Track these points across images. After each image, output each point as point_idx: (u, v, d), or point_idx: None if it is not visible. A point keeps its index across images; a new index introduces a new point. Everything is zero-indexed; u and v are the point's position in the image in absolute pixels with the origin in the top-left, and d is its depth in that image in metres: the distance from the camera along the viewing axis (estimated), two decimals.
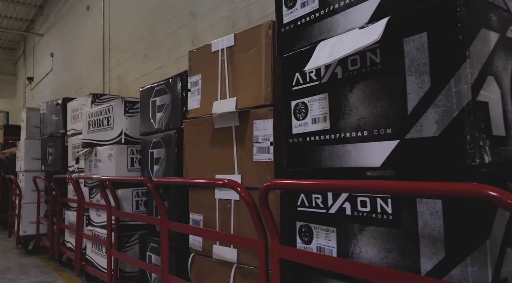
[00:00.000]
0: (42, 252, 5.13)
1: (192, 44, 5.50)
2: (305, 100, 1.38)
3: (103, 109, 3.29)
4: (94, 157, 3.33)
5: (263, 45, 1.82)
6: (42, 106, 4.95)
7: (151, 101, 2.83)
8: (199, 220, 2.11)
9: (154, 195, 2.17)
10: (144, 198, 3.19)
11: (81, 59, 9.45)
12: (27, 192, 5.11)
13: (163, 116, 2.71)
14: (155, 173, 2.75)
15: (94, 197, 3.45)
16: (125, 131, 3.11)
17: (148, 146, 2.82)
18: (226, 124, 1.97)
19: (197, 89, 2.17)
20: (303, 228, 1.39)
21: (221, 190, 1.98)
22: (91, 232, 3.43)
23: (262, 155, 1.79)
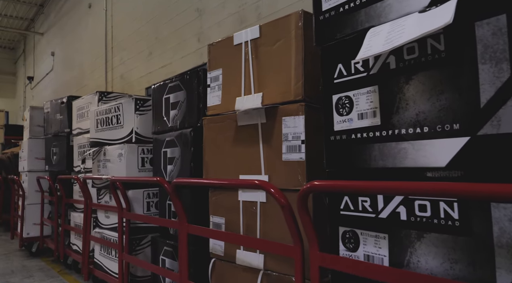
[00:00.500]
0: (46, 254, 4.99)
1: (199, 42, 5.37)
2: (349, 94, 1.26)
3: (112, 107, 3.16)
4: (103, 157, 3.19)
5: (292, 37, 1.69)
6: (46, 105, 4.80)
7: (164, 99, 2.70)
8: (221, 223, 1.97)
9: (173, 197, 2.03)
10: (156, 199, 3.06)
11: (82, 58, 9.29)
12: (30, 193, 4.97)
13: (177, 114, 2.57)
14: (168, 173, 2.61)
15: (102, 198, 3.32)
16: (135, 130, 2.98)
17: (161, 145, 2.69)
18: (251, 121, 1.84)
19: (217, 85, 2.04)
20: (347, 234, 1.26)
21: (246, 192, 1.85)
22: (100, 235, 3.29)
23: (292, 154, 1.66)
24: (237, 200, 1.89)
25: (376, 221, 1.18)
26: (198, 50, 5.36)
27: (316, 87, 1.72)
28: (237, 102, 1.90)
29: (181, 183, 1.98)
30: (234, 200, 1.90)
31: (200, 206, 2.40)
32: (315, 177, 1.65)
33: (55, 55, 11.13)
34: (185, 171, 2.46)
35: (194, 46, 5.43)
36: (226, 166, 1.95)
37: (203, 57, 5.26)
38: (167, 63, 6.05)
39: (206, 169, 2.06)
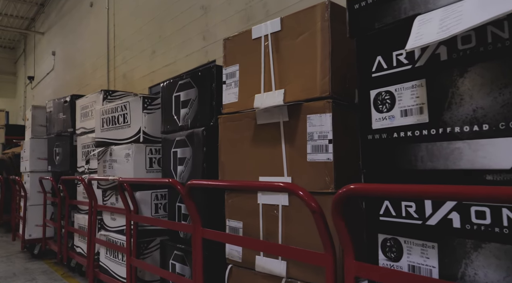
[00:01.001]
0: (48, 256, 4.86)
1: (204, 40, 5.25)
2: (390, 89, 1.14)
3: (118, 106, 3.04)
4: (109, 157, 3.07)
5: (318, 29, 1.57)
6: (49, 104, 4.67)
7: (174, 97, 2.58)
8: (238, 228, 1.86)
9: (187, 200, 1.91)
10: (164, 201, 2.93)
11: (84, 57, 9.17)
12: (32, 194, 4.84)
13: (188, 113, 2.45)
14: (179, 174, 2.50)
15: (108, 200, 3.20)
16: (143, 129, 2.85)
17: (171, 145, 2.57)
18: (272, 119, 1.72)
19: (234, 81, 1.92)
20: (388, 242, 1.14)
21: (266, 194, 1.73)
22: (105, 237, 3.17)
23: (318, 155, 1.54)
24: (256, 203, 1.77)
25: (423, 228, 1.06)
26: (203, 49, 5.24)
27: (343, 83, 1.60)
28: (256, 99, 1.78)
29: (197, 185, 1.86)
30: (252, 203, 1.78)
31: (213, 209, 2.28)
32: (343, 178, 1.54)
33: (56, 54, 11.00)
34: (197, 172, 2.34)
35: (199, 45, 5.31)
36: (244, 167, 1.83)
37: (208, 56, 5.14)
38: (171, 62, 5.93)
39: (222, 170, 1.94)
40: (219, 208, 2.32)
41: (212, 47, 5.07)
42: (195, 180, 1.87)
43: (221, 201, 2.30)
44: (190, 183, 1.88)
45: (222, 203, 2.32)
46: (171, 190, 2.65)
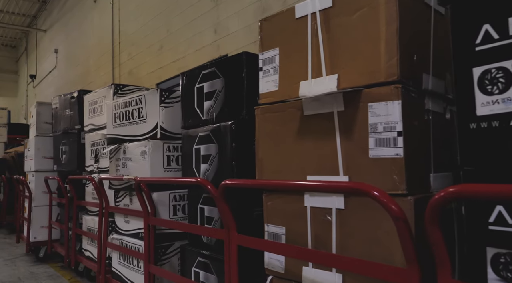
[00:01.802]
0: (54, 260, 4.62)
1: (215, 33, 5.00)
2: (505, 65, 0.90)
3: (133, 100, 2.79)
4: (123, 155, 2.82)
5: (381, 2, 1.33)
6: (54, 101, 4.42)
7: (196, 88, 2.33)
8: (280, 234, 1.61)
9: (221, 202, 1.67)
10: (183, 202, 2.69)
11: (87, 54, 8.91)
12: (37, 194, 4.59)
13: (213, 105, 2.21)
14: (202, 173, 2.25)
15: (121, 201, 2.95)
16: (160, 125, 2.61)
17: (193, 141, 2.32)
18: (323, 109, 1.47)
19: (273, 68, 1.68)
20: (503, 257, 0.90)
21: (314, 196, 1.48)
22: (118, 241, 2.92)
23: (384, 149, 1.30)
24: (302, 206, 1.53)
25: None
26: (215, 43, 4.99)
27: (411, 66, 1.36)
28: (302, 87, 1.53)
29: (234, 185, 1.61)
30: (297, 206, 1.54)
31: (244, 212, 2.04)
32: (415, 178, 1.30)
33: (58, 52, 10.74)
34: (224, 171, 2.09)
35: (210, 38, 5.06)
36: (288, 165, 1.58)
37: (220, 50, 4.89)
38: (180, 57, 5.68)
39: (260, 167, 1.69)
40: (250, 210, 2.09)
41: (225, 41, 4.82)
42: (231, 180, 1.63)
43: (253, 203, 2.06)
44: (225, 183, 1.63)
45: (254, 206, 2.08)
46: (192, 191, 2.41)
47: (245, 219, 2.01)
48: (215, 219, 2.20)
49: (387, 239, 1.29)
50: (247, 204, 2.06)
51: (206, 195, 2.28)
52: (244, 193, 1.99)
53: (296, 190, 1.48)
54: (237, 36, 4.63)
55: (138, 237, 2.73)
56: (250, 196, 2.05)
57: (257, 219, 2.08)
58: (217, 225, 2.18)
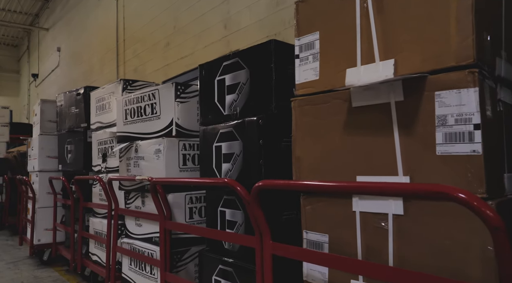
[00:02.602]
0: (58, 263, 4.42)
1: (225, 29, 4.80)
2: None
3: (145, 95, 2.59)
4: (135, 154, 2.62)
5: None
6: (59, 98, 4.22)
7: (216, 81, 2.14)
8: (322, 242, 1.41)
9: (255, 206, 1.47)
10: (199, 205, 2.49)
11: (91, 52, 8.71)
12: (41, 195, 4.39)
13: (236, 99, 2.01)
14: (224, 173, 2.05)
15: (132, 203, 2.75)
16: (176, 121, 2.41)
17: (212, 139, 2.12)
18: (377, 100, 1.27)
19: (312, 54, 1.48)
20: None
21: (365, 199, 1.29)
22: (129, 246, 2.72)
23: (456, 146, 1.10)
24: (349, 211, 1.33)
25: None
26: (225, 38, 4.79)
27: (486, 48, 1.16)
28: (349, 75, 1.34)
29: (271, 186, 1.41)
30: (344, 211, 1.34)
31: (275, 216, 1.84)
32: (494, 179, 1.10)
33: (61, 50, 10.54)
34: (250, 170, 1.89)
35: (220, 34, 4.86)
36: (332, 163, 1.38)
37: (230, 46, 4.69)
38: (188, 54, 5.48)
39: (298, 167, 1.49)
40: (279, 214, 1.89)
41: (235, 37, 4.62)
42: (267, 181, 1.43)
43: (282, 206, 1.87)
44: (260, 185, 1.43)
45: (283, 209, 1.89)
46: (211, 192, 2.21)
47: (273, 224, 1.82)
48: (239, 224, 2.00)
49: (459, 250, 1.09)
50: (276, 207, 1.86)
51: (227, 197, 2.09)
52: (272, 195, 1.79)
53: (352, 192, 1.28)
54: (248, 31, 4.43)
55: (152, 242, 2.53)
56: (278, 198, 1.85)
57: (287, 224, 1.88)
58: (240, 230, 1.98)
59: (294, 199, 1.95)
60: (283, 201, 1.87)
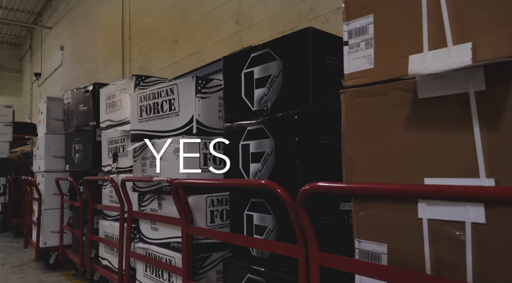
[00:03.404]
0: (65, 267, 4.24)
1: (237, 24, 4.62)
2: None
3: (162, 90, 2.41)
4: (151, 153, 2.45)
5: None
6: (66, 95, 4.05)
7: (243, 74, 1.96)
8: (379, 253, 1.23)
9: (301, 212, 1.29)
10: (221, 208, 2.32)
11: (96, 50, 8.53)
12: (47, 196, 4.21)
13: (267, 93, 1.83)
14: (252, 174, 1.88)
15: (147, 205, 2.57)
16: (197, 118, 2.23)
17: (239, 137, 1.95)
18: (451, 90, 1.10)
19: (365, 40, 1.30)
20: None
21: (435, 205, 1.11)
22: (144, 251, 2.54)
23: None
24: (414, 218, 1.15)
25: None
26: (236, 34, 4.61)
27: None
28: (413, 61, 1.15)
29: (323, 189, 1.23)
30: (407, 218, 1.16)
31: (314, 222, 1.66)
32: None
33: (64, 49, 10.37)
34: (285, 171, 1.72)
35: (231, 30, 4.68)
36: (393, 163, 1.21)
37: (242, 42, 4.52)
38: (197, 51, 5.31)
39: (350, 167, 1.31)
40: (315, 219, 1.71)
41: (247, 32, 4.45)
42: (319, 183, 1.25)
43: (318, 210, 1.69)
44: (310, 188, 1.25)
45: (319, 212, 1.71)
46: (236, 194, 2.03)
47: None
48: (269, 229, 1.82)
49: None
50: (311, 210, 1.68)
51: (255, 199, 1.91)
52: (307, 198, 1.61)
53: (422, 196, 1.10)
54: (262, 26, 4.25)
55: (170, 247, 2.35)
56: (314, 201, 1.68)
57: (323, 230, 1.71)
58: (271, 236, 1.81)
59: (331, 202, 1.78)
60: (319, 203, 1.70)
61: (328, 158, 1.73)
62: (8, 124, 7.97)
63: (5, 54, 14.51)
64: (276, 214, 1.79)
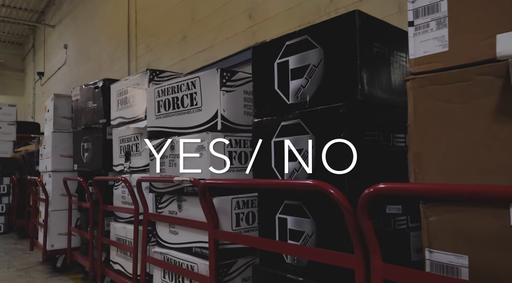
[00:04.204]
0: (73, 270, 4.06)
1: (250, 19, 4.44)
2: None
3: (182, 84, 2.23)
4: (170, 151, 2.27)
5: None
6: (75, 92, 3.87)
7: (276, 64, 1.78)
8: (457, 265, 1.05)
9: (363, 217, 1.11)
10: (247, 210, 2.14)
11: (100, 48, 8.35)
12: (54, 197, 4.03)
13: (305, 85, 1.65)
14: (289, 174, 1.70)
15: (165, 207, 2.39)
16: (222, 113, 2.05)
17: (271, 133, 1.76)
18: None
19: (435, 19, 1.12)
20: None
21: None
22: (162, 256, 2.36)
23: None
24: (506, 226, 0.97)
25: None
26: (250, 29, 4.43)
27: None
28: (502, 42, 0.97)
29: (391, 191, 1.05)
30: (496, 225, 0.98)
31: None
32: None
33: (68, 47, 10.18)
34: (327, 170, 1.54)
35: (244, 25, 4.50)
36: (477, 160, 1.03)
37: (256, 37, 4.33)
38: (207, 47, 5.13)
39: (419, 165, 1.13)
40: None
41: (262, 27, 4.26)
42: (386, 185, 1.06)
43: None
44: (375, 190, 1.07)
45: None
46: (265, 196, 1.86)
47: (349, 236, 1.47)
48: (306, 234, 1.64)
49: None
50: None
51: (290, 202, 1.73)
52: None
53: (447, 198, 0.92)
54: (277, 20, 4.07)
55: (192, 253, 2.17)
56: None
57: None
58: (309, 242, 1.63)
59: (376, 205, 1.60)
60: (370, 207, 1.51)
61: (375, 156, 1.55)
62: (12, 123, 7.78)
63: (8, 53, 14.32)
64: (316, 218, 1.61)
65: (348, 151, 1.48)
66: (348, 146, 1.48)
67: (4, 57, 13.95)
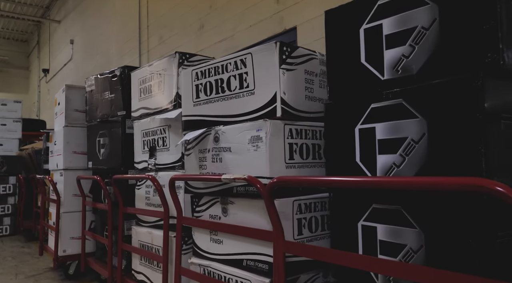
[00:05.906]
0: (86, 277, 3.67)
1: (277, 3, 4.03)
2: None
3: (229, 62, 1.83)
4: (214, 144, 1.87)
5: None
6: (89, 82, 3.46)
7: (363, 31, 1.38)
8: None
9: None
10: (309, 215, 1.74)
11: (109, 42, 7.95)
12: (66, 198, 3.63)
13: (409, 54, 1.25)
14: (383, 170, 1.31)
15: (205, 211, 1.99)
16: (282, 96, 1.65)
17: (355, 119, 1.37)
18: None
19: None
20: None
21: None
22: (202, 269, 1.97)
23: None
24: None
25: None
26: (277, 14, 4.02)
27: None
28: None
29: None
30: None
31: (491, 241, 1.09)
32: None
33: (74, 43, 9.78)
34: (449, 164, 1.14)
35: (270, 10, 4.09)
36: None
37: (284, 23, 3.93)
38: (228, 36, 4.72)
39: None
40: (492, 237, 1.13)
41: (291, 11, 3.86)
42: None
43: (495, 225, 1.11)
44: None
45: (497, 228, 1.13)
46: (343, 197, 1.46)
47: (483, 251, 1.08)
48: (410, 248, 1.25)
49: None
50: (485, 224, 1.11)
51: (379, 206, 1.34)
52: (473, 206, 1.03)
53: None
54: (309, 3, 3.67)
55: (242, 267, 1.77)
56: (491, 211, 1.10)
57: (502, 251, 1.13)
58: (415, 259, 1.23)
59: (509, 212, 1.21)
60: (496, 214, 1.12)
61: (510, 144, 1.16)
62: (18, 120, 7.41)
63: (12, 50, 13.92)
64: (425, 227, 1.21)
65: (482, 139, 1.08)
66: (483, 132, 1.08)
67: (8, 54, 13.55)
